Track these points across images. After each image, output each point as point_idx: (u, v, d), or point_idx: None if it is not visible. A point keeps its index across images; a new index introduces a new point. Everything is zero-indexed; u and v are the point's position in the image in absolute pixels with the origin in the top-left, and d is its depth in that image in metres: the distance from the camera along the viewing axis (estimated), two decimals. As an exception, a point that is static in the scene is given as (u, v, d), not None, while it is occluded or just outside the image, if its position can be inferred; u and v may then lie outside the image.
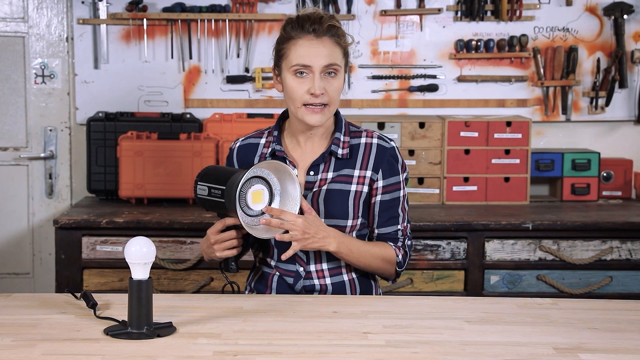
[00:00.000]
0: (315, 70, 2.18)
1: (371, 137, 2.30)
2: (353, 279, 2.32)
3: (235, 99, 3.88)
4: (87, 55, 3.84)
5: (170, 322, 1.90)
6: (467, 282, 3.35)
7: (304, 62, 2.18)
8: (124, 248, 1.86)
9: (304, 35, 2.19)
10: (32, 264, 3.90)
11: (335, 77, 2.21)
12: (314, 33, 2.19)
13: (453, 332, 1.90)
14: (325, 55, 2.18)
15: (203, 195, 2.18)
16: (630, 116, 3.94)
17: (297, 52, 2.19)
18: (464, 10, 3.85)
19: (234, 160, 2.36)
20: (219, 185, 2.13)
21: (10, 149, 3.88)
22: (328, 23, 2.20)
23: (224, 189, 2.11)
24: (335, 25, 2.21)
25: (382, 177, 2.29)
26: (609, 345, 1.83)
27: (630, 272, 3.37)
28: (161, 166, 3.60)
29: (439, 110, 3.90)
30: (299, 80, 2.20)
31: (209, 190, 2.16)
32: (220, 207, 2.15)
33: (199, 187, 2.19)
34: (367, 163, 2.28)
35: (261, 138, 2.35)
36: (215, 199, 2.15)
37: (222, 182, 2.13)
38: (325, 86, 2.19)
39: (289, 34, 2.21)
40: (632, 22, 3.89)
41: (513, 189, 3.69)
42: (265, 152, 2.32)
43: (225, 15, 3.80)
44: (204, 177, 2.20)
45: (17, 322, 1.93)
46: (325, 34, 2.19)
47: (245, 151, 2.35)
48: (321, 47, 2.18)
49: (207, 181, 2.18)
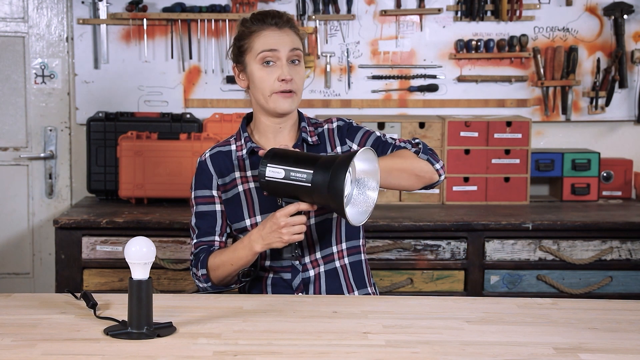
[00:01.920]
0: (282, 56, 2.23)
1: (331, 122, 2.37)
2: (345, 265, 2.32)
3: (235, 99, 3.88)
4: (87, 55, 3.84)
5: (170, 322, 1.90)
6: (467, 282, 3.35)
7: (271, 46, 2.23)
8: (124, 248, 1.86)
9: (267, 27, 2.25)
10: (32, 264, 3.90)
11: (299, 65, 2.27)
12: (276, 25, 2.26)
13: (453, 332, 1.90)
14: (289, 41, 2.25)
15: (276, 178, 2.05)
16: (630, 116, 3.94)
17: (262, 41, 2.24)
18: (464, 10, 3.85)
19: (211, 170, 2.31)
20: (303, 169, 2.02)
21: (10, 149, 3.88)
22: (286, 17, 2.28)
23: (312, 172, 2.01)
24: (292, 20, 2.31)
25: (351, 139, 2.33)
26: (609, 345, 1.83)
27: (630, 272, 3.37)
28: (161, 166, 3.60)
29: (439, 110, 3.90)
30: (266, 69, 2.24)
31: (286, 172, 2.04)
32: (301, 191, 2.04)
33: (271, 169, 2.05)
34: (334, 142, 2.33)
35: (230, 145, 2.34)
36: (296, 182, 2.03)
37: (306, 164, 2.02)
38: (292, 73, 2.24)
39: (250, 29, 2.26)
40: (632, 22, 3.89)
41: (513, 189, 3.69)
42: (240, 154, 2.30)
43: (225, 15, 3.80)
44: (275, 159, 2.07)
45: (17, 322, 1.93)
46: (286, 25, 2.27)
47: (219, 159, 2.32)
48: (284, 35, 2.25)
49: (282, 164, 2.05)
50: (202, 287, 2.30)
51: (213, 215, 2.30)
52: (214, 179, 2.31)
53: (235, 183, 2.30)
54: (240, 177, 2.30)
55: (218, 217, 2.31)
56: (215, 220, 2.30)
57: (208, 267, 2.26)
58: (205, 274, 2.26)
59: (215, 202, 2.31)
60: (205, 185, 2.32)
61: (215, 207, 2.31)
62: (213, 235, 2.30)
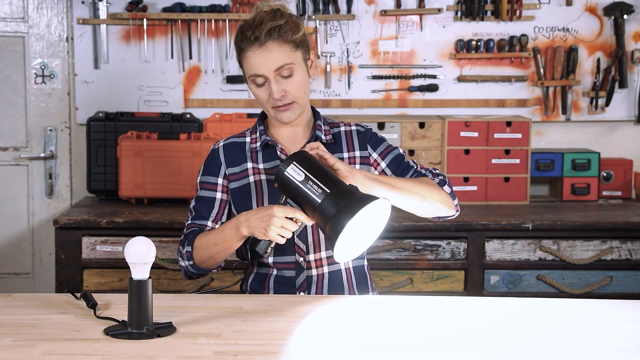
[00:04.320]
0: (270, 76, 2.22)
1: (349, 125, 2.39)
2: (349, 268, 2.33)
3: (235, 99, 3.88)
4: (87, 55, 3.84)
5: (170, 322, 1.90)
6: (467, 282, 3.35)
7: (255, 72, 2.23)
8: (124, 248, 1.86)
9: (249, 46, 2.22)
10: (32, 264, 3.90)
11: (292, 76, 2.24)
12: (257, 42, 2.20)
13: (453, 332, 1.90)
14: (272, 60, 2.21)
15: (294, 178, 2.02)
16: (630, 116, 3.94)
17: (248, 64, 2.24)
18: (464, 10, 3.85)
19: (221, 159, 2.34)
20: (321, 184, 1.99)
21: (10, 149, 3.88)
22: (268, 26, 2.19)
23: (328, 193, 1.98)
24: (276, 25, 2.20)
25: (374, 148, 2.36)
26: (609, 345, 1.83)
27: (630, 272, 3.37)
28: (161, 166, 3.60)
29: (439, 110, 3.90)
30: (260, 89, 2.26)
31: (305, 178, 2.01)
32: (308, 202, 2.01)
33: (294, 168, 2.03)
34: (352, 145, 2.35)
35: (245, 137, 2.38)
36: (308, 192, 2.00)
37: (327, 182, 2.00)
38: (284, 87, 2.24)
39: (239, 46, 2.26)
40: (632, 22, 3.89)
41: (513, 189, 3.69)
42: (254, 146, 2.33)
43: (225, 15, 3.80)
44: (302, 162, 2.04)
45: (17, 322, 1.93)
46: (267, 39, 2.20)
47: (232, 149, 2.35)
48: (266, 54, 2.21)
49: (306, 169, 2.02)
50: (184, 265, 2.30)
51: (212, 202, 2.33)
52: (222, 167, 2.34)
53: (246, 173, 2.32)
54: (252, 168, 2.32)
55: (216, 205, 2.33)
56: (212, 207, 2.33)
57: (194, 246, 2.27)
58: (189, 251, 2.27)
59: (217, 190, 2.33)
60: (212, 172, 2.35)
61: (216, 195, 2.33)
62: (206, 220, 2.32)
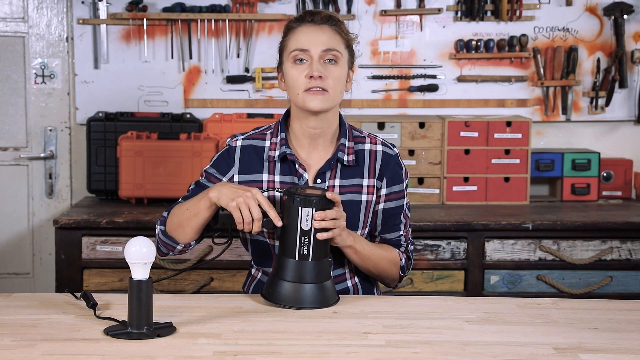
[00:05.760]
0: (314, 55, 2.17)
1: (375, 143, 2.29)
2: (356, 284, 2.31)
3: (235, 99, 3.88)
4: (87, 55, 3.84)
5: (170, 322, 1.90)
6: (467, 282, 3.35)
7: (301, 46, 2.17)
8: (124, 248, 1.86)
9: (303, 24, 2.21)
10: (32, 264, 3.90)
11: (335, 65, 2.19)
12: (313, 22, 2.20)
13: (453, 332, 1.90)
14: (323, 41, 2.18)
15: (300, 218, 2.07)
16: (630, 116, 3.94)
17: (295, 38, 2.20)
18: (464, 10, 3.85)
19: (236, 161, 2.26)
20: (310, 247, 2.07)
21: (10, 149, 3.88)
22: (328, 14, 2.22)
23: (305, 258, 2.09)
24: (335, 17, 2.23)
25: (386, 185, 2.27)
26: (609, 345, 1.83)
27: (630, 272, 3.37)
28: (161, 166, 3.60)
29: (439, 110, 3.90)
30: (298, 67, 2.18)
31: (307, 231, 2.07)
32: (289, 242, 2.08)
33: (307, 213, 2.07)
34: (373, 171, 2.27)
35: (265, 140, 2.27)
36: (297, 240, 2.07)
37: (315, 251, 2.08)
38: (325, 72, 2.17)
39: (289, 26, 2.23)
40: (632, 22, 3.89)
41: (513, 189, 3.69)
42: (272, 155, 2.24)
43: (225, 15, 3.80)
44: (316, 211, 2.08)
45: (17, 322, 1.93)
46: (323, 22, 2.20)
47: (249, 153, 2.26)
48: (319, 32, 2.19)
49: (312, 222, 2.08)
50: (157, 232, 2.26)
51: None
52: (232, 170, 2.26)
53: (260, 185, 2.24)
54: (267, 181, 2.24)
55: None
56: None
57: (170, 212, 2.24)
58: (164, 216, 2.25)
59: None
60: (221, 169, 2.27)
61: None
62: None
